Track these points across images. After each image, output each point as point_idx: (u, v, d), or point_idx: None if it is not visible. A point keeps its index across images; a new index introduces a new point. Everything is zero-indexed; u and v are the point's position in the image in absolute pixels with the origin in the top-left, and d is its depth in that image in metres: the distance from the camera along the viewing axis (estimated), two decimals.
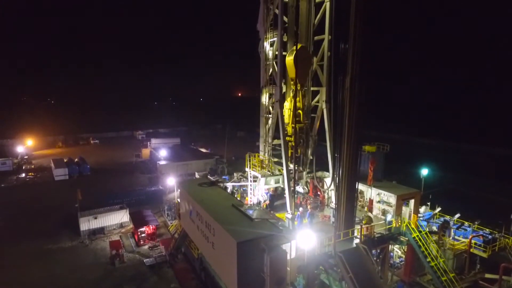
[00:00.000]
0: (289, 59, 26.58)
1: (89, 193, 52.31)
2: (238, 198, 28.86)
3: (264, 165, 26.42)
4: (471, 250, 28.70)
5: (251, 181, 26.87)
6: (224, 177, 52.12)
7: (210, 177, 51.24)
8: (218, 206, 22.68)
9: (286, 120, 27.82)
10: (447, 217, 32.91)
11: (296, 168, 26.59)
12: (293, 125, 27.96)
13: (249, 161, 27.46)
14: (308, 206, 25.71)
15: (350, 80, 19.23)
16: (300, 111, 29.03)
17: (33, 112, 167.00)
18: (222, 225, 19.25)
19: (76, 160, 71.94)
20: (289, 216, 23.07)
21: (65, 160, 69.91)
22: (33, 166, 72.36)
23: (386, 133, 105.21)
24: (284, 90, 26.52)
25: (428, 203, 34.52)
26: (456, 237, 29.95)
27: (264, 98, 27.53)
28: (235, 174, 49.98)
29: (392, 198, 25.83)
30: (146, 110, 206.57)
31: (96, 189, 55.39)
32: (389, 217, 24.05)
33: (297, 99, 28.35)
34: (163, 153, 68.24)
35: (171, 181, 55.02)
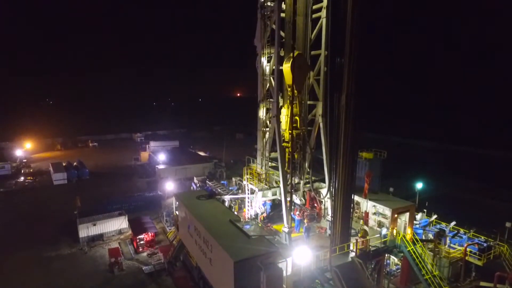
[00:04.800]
0: (286, 66, 26.90)
1: (88, 198, 52.56)
2: (236, 209, 29.08)
3: (261, 178, 26.67)
4: (467, 258, 29.08)
5: (248, 193, 27.09)
6: (222, 182, 52.48)
7: (209, 182, 51.66)
8: (215, 222, 22.95)
9: (283, 127, 28.13)
10: (443, 224, 33.35)
11: (292, 174, 26.77)
12: (290, 131, 28.25)
13: (247, 174, 27.67)
14: (305, 220, 25.95)
15: (345, 97, 19.49)
16: (297, 117, 29.29)
17: (31, 114, 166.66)
18: (219, 243, 19.55)
19: (74, 163, 72.09)
20: (286, 229, 23.34)
21: (64, 164, 69.97)
22: (31, 170, 72.35)
23: (383, 135, 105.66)
24: (281, 104, 26.78)
25: (425, 210, 34.94)
26: (451, 245, 30.32)
27: (262, 112, 27.82)
28: (233, 179, 50.24)
29: (387, 211, 26.11)
30: (145, 111, 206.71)
31: (95, 194, 55.60)
32: (384, 231, 24.35)
33: (294, 105, 28.62)
34: (161, 157, 68.41)
35: (169, 186, 55.39)
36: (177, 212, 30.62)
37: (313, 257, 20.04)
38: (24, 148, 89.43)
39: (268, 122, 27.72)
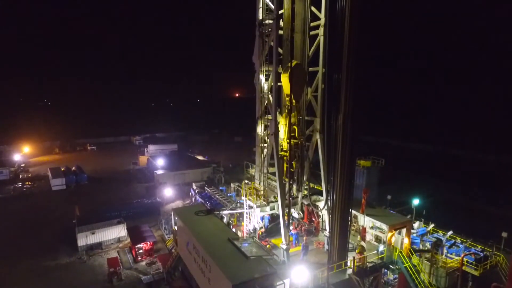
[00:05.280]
0: (285, 76, 26.98)
1: (86, 204, 52.59)
2: (235, 222, 29.17)
3: (259, 194, 26.76)
4: (463, 268, 29.26)
5: (247, 208, 27.20)
6: (221, 188, 52.64)
7: (207, 189, 51.77)
8: (214, 240, 23.19)
9: (281, 136, 28.19)
10: (440, 233, 33.62)
11: (291, 184, 26.81)
12: (288, 140, 28.37)
13: (245, 190, 27.76)
14: (304, 238, 26.04)
15: (342, 117, 19.63)
16: (295, 127, 29.40)
17: (30, 115, 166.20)
18: (218, 264, 19.68)
19: (73, 168, 71.98)
20: (284, 246, 23.49)
21: (62, 169, 69.87)
22: (30, 175, 72.21)
23: (381, 138, 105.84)
24: (279, 119, 26.88)
25: (422, 219, 35.21)
26: (448, 254, 30.52)
27: (260, 129, 27.90)
28: (232, 185, 50.42)
29: (384, 226, 26.25)
30: (143, 112, 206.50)
31: (93, 200, 55.60)
32: (381, 248, 24.51)
33: (292, 114, 28.75)
34: (160, 162, 68.41)
35: (168, 192, 55.48)
36: (175, 227, 30.74)
37: (311, 276, 20.16)
38: (22, 152, 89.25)
39: (266, 138, 27.82)
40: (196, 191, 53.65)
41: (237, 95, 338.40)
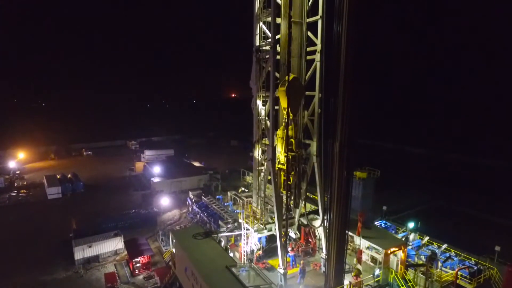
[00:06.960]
0: (282, 89, 27.10)
1: (82, 213, 52.39)
2: (232, 241, 29.34)
3: (257, 216, 26.92)
4: (458, 281, 29.78)
5: (244, 230, 27.38)
6: (218, 197, 52.78)
7: (204, 198, 51.91)
8: (212, 268, 23.30)
9: (279, 148, 28.36)
10: (435, 245, 34.10)
11: (288, 197, 26.93)
12: (285, 154, 28.53)
13: (242, 214, 27.95)
14: (301, 262, 26.20)
15: (339, 146, 19.79)
16: (292, 140, 29.56)
17: (24, 119, 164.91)
18: None
19: (69, 176, 71.61)
20: (281, 271, 23.66)
21: (58, 177, 69.45)
22: (25, 183, 71.67)
23: (375, 141, 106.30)
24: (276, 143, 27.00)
25: (417, 232, 35.63)
26: (443, 268, 30.99)
27: (257, 153, 28.05)
28: (228, 193, 50.53)
29: (380, 249, 26.46)
30: (139, 114, 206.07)
31: (90, 209, 55.39)
32: (377, 271, 24.83)
33: (289, 127, 28.92)
34: (156, 169, 68.35)
35: (165, 201, 55.57)
36: (174, 250, 30.91)
37: None
38: (17, 159, 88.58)
39: (263, 162, 27.99)
40: (193, 200, 53.81)
41: (233, 95, 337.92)
